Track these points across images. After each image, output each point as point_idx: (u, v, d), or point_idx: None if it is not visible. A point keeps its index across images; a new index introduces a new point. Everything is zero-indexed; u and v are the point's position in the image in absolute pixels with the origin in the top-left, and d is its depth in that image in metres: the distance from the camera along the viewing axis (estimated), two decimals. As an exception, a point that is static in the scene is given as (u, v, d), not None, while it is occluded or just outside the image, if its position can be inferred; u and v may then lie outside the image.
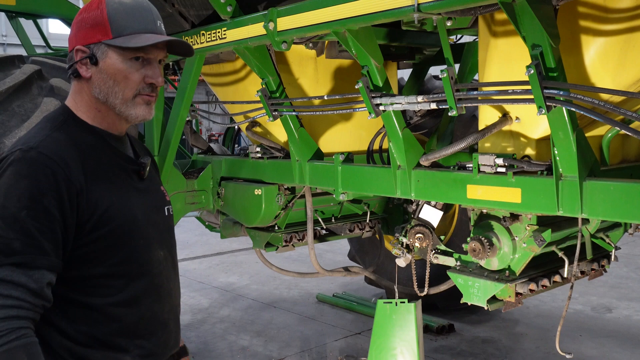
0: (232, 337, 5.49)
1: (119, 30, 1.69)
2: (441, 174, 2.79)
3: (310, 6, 2.84)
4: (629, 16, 2.37)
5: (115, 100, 1.72)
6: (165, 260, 1.84)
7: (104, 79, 1.70)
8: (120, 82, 1.71)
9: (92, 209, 1.63)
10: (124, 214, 1.70)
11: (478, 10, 2.45)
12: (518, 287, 2.79)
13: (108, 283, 1.68)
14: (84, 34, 1.70)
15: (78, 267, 1.64)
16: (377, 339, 3.10)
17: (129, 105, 1.73)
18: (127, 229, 1.71)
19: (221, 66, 4.29)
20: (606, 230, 3.13)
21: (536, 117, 2.35)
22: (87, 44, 1.70)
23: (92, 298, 1.66)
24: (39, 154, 1.59)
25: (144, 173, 1.84)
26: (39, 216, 1.54)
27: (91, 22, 1.70)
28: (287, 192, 3.99)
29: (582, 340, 5.26)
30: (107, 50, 1.69)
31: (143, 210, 1.78)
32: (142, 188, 1.82)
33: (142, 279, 1.74)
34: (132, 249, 1.72)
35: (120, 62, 1.70)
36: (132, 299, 1.72)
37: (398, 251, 3.12)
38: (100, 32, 1.68)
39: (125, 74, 1.70)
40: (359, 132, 4.17)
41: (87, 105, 1.75)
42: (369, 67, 2.85)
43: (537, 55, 2.24)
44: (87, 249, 1.64)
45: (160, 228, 1.85)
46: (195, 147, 4.87)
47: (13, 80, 3.83)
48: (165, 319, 1.82)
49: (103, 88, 1.71)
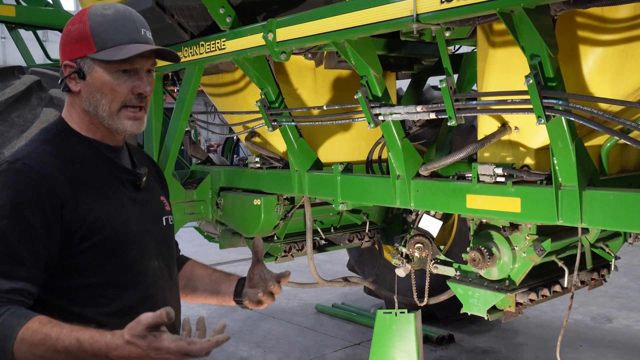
0: (231, 348, 5.46)
1: (102, 43, 1.69)
2: (440, 183, 2.79)
3: (310, 17, 2.85)
4: (627, 26, 2.38)
5: (103, 114, 1.72)
6: (161, 271, 1.82)
7: (91, 92, 1.71)
8: (107, 95, 1.71)
9: (80, 220, 1.62)
10: (115, 224, 1.69)
11: (477, 21, 2.46)
12: (518, 297, 2.79)
13: (101, 293, 1.68)
14: (70, 48, 1.71)
15: (70, 277, 1.64)
16: (376, 349, 3.09)
17: (114, 119, 1.73)
18: (119, 239, 1.70)
19: (220, 77, 4.29)
20: (606, 240, 3.13)
21: (535, 126, 2.36)
22: (73, 58, 1.71)
23: (85, 308, 1.65)
24: (23, 165, 1.61)
25: (141, 183, 1.83)
26: (19, 226, 1.55)
27: (76, 36, 1.70)
28: (286, 202, 3.99)
29: (583, 350, 5.25)
30: (92, 64, 1.69)
31: (137, 220, 1.77)
32: (139, 198, 1.82)
33: (135, 289, 1.73)
34: (124, 259, 1.71)
35: (106, 75, 1.70)
36: (125, 309, 1.70)
37: (397, 261, 3.12)
38: (85, 46, 1.69)
39: (111, 86, 1.70)
40: (358, 142, 4.17)
41: (80, 117, 1.76)
42: (368, 77, 2.85)
43: (535, 65, 2.24)
44: (78, 259, 1.64)
45: (157, 238, 1.84)
46: (194, 157, 4.87)
47: (12, 91, 3.84)
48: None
49: (92, 101, 1.72)
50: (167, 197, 2.03)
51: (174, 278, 1.93)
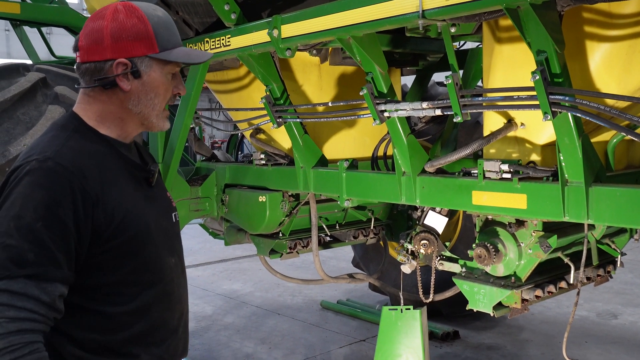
0: (236, 344, 5.47)
1: (163, 44, 1.71)
2: (446, 180, 2.79)
3: (315, 13, 2.85)
4: (633, 22, 2.37)
5: (152, 112, 1.75)
6: (176, 267, 1.85)
7: (145, 92, 1.72)
8: (160, 95, 1.75)
9: (109, 219, 1.63)
10: (138, 223, 1.71)
11: (483, 17, 2.45)
12: (524, 293, 2.78)
13: (121, 291, 1.69)
14: (125, 46, 1.67)
15: (92, 276, 1.64)
16: (382, 345, 3.09)
17: (160, 117, 1.78)
18: (142, 238, 1.72)
19: (225, 73, 4.29)
20: (612, 236, 3.12)
21: (541, 122, 2.35)
22: (129, 56, 1.68)
23: (105, 306, 1.67)
24: (56, 164, 1.58)
25: (153, 180, 1.85)
26: (54, 228, 1.54)
27: (133, 35, 1.67)
28: (291, 198, 3.99)
29: (588, 346, 5.24)
30: (151, 64, 1.70)
31: (154, 217, 1.79)
32: (151, 195, 1.83)
33: (154, 287, 1.75)
34: (145, 257, 1.73)
35: (162, 75, 1.73)
36: (144, 307, 1.72)
37: (403, 258, 3.12)
38: (145, 46, 1.68)
39: (166, 87, 1.75)
40: (363, 139, 4.17)
41: (108, 114, 1.75)
42: (373, 73, 2.85)
43: (542, 61, 2.23)
44: (102, 257, 1.64)
45: (170, 234, 1.86)
46: (199, 154, 4.88)
47: (18, 88, 3.85)
48: (175, 325, 1.83)
49: (143, 100, 1.73)
50: None
51: (185, 275, 1.96)
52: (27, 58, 6.36)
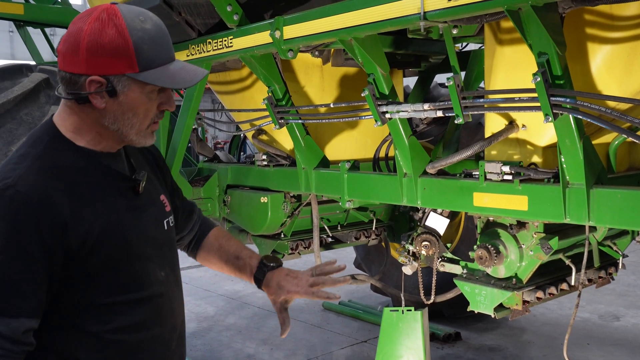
0: (237, 345, 5.48)
1: (146, 63, 1.54)
2: (447, 181, 2.79)
3: (317, 14, 2.85)
4: (635, 23, 2.37)
5: (130, 131, 1.62)
6: (167, 279, 1.75)
7: (122, 111, 1.58)
8: (139, 115, 1.60)
9: (82, 239, 1.53)
10: (117, 239, 1.61)
11: (484, 18, 2.45)
12: (525, 295, 2.78)
13: (105, 310, 1.61)
14: (101, 62, 1.51)
15: (75, 296, 1.57)
16: (383, 347, 3.09)
17: (141, 135, 1.64)
18: (122, 255, 1.62)
19: (227, 74, 4.30)
20: (613, 238, 3.12)
21: (543, 124, 2.35)
22: (105, 74, 1.53)
23: (90, 326, 1.59)
24: (16, 192, 1.47)
25: (139, 188, 1.71)
26: (19, 259, 1.45)
27: (111, 51, 1.51)
28: (293, 199, 3.99)
29: (590, 348, 5.23)
30: (130, 84, 1.55)
31: (139, 230, 1.68)
32: (138, 205, 1.71)
33: (141, 304, 1.66)
34: (129, 275, 1.64)
35: (142, 95, 1.58)
36: (132, 324, 1.65)
37: (404, 259, 3.12)
38: (124, 64, 1.52)
39: (146, 107, 1.60)
40: (365, 140, 4.17)
41: (85, 128, 1.62)
42: (375, 74, 2.85)
43: (543, 63, 2.24)
44: (82, 277, 1.56)
45: (160, 244, 1.76)
46: (202, 154, 4.89)
47: (21, 89, 3.87)
48: (167, 340, 1.75)
49: (119, 119, 1.59)
50: (167, 185, 1.95)
51: (180, 284, 1.86)
52: (30, 59, 6.39)
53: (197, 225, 2.14)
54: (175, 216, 1.96)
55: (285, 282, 1.99)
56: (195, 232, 2.14)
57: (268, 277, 2.01)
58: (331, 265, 2.04)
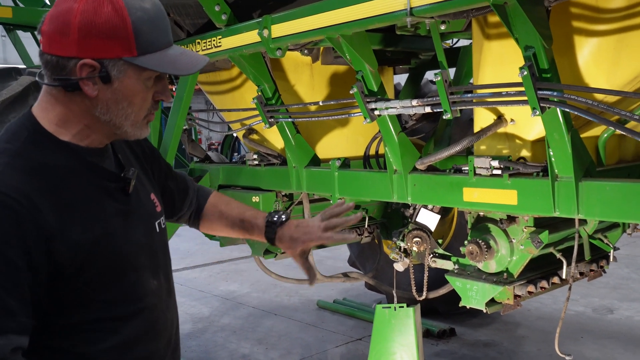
0: (232, 346, 5.47)
1: (145, 46, 1.40)
2: (437, 177, 2.79)
3: (304, 13, 2.85)
4: (621, 16, 2.37)
5: (125, 122, 1.47)
6: (160, 289, 1.63)
7: (116, 100, 1.43)
8: (135, 105, 1.46)
9: (72, 252, 1.38)
10: (108, 251, 1.46)
11: (471, 13, 2.45)
12: (516, 289, 2.79)
13: (97, 328, 1.47)
14: (95, 44, 1.36)
15: (62, 314, 1.42)
16: (376, 344, 3.09)
17: (137, 127, 1.50)
18: (114, 266, 1.48)
19: (217, 74, 4.29)
20: (604, 231, 3.12)
21: (531, 118, 2.35)
22: (98, 57, 1.37)
23: (80, 346, 1.45)
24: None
25: (129, 188, 1.57)
26: (2, 270, 1.28)
27: (107, 32, 1.36)
28: (284, 198, 3.99)
29: (584, 341, 5.25)
30: (126, 69, 1.40)
31: (131, 237, 1.54)
32: (128, 207, 1.57)
33: (135, 319, 1.54)
34: (122, 288, 1.51)
35: (139, 82, 1.44)
36: (125, 342, 1.52)
37: (396, 256, 3.12)
38: (121, 47, 1.38)
39: (143, 95, 1.46)
40: (356, 138, 4.17)
41: (71, 120, 1.46)
42: (363, 72, 2.85)
43: (530, 57, 2.24)
44: (72, 294, 1.41)
45: (153, 250, 1.63)
46: (193, 155, 4.88)
47: (10, 92, 3.84)
48: (162, 354, 1.65)
49: (112, 109, 1.44)
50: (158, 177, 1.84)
51: (172, 290, 1.74)
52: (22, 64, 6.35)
53: (194, 199, 2.05)
54: (171, 200, 1.91)
55: (298, 234, 1.92)
56: (194, 205, 2.05)
57: (279, 234, 1.93)
58: (340, 206, 1.96)
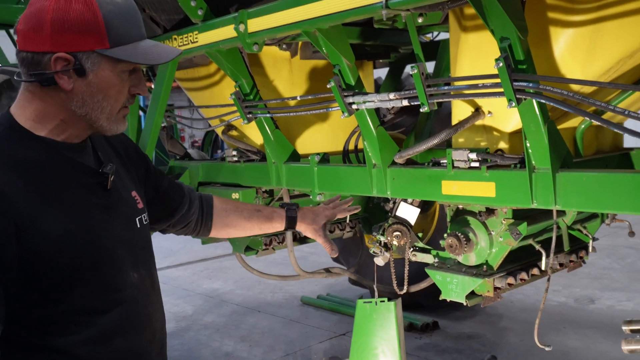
0: (216, 344, 5.44)
1: (117, 39, 1.45)
2: (416, 171, 2.78)
3: (280, 7, 2.82)
4: (597, 6, 2.37)
5: (101, 115, 1.51)
6: (141, 282, 1.64)
7: (91, 93, 1.47)
8: (111, 97, 1.50)
9: (43, 243, 1.40)
10: (84, 241, 1.48)
11: (447, 5, 2.44)
12: (496, 281, 2.78)
13: (73, 320, 1.48)
14: (68, 38, 1.42)
15: (36, 307, 1.43)
16: (358, 339, 3.08)
17: (112, 121, 1.54)
18: (89, 258, 1.49)
19: (195, 70, 4.25)
20: (583, 222, 3.13)
21: (508, 110, 2.35)
22: (72, 51, 1.43)
23: (55, 339, 1.45)
24: None
25: (108, 183, 1.60)
26: None
27: (79, 26, 1.42)
28: (265, 195, 3.97)
29: (566, 332, 5.29)
30: (100, 62, 1.46)
31: (109, 230, 1.56)
32: (108, 203, 1.59)
33: (113, 311, 1.54)
34: (98, 279, 1.51)
35: (113, 74, 1.49)
36: (102, 335, 1.51)
37: (376, 250, 3.11)
38: (94, 40, 1.43)
39: (118, 88, 1.50)
40: (336, 133, 4.15)
41: (48, 115, 1.50)
42: (340, 66, 2.83)
43: (505, 48, 2.23)
44: (45, 285, 1.42)
45: (133, 244, 1.64)
46: (172, 153, 4.83)
47: (-18, 91, 3.78)
48: (145, 349, 1.64)
49: (88, 102, 1.48)
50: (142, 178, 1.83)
51: (156, 285, 1.75)
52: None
53: (196, 202, 2.07)
54: (168, 198, 1.94)
55: (318, 210, 2.38)
56: (199, 208, 2.08)
57: (300, 214, 2.32)
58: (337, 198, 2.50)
